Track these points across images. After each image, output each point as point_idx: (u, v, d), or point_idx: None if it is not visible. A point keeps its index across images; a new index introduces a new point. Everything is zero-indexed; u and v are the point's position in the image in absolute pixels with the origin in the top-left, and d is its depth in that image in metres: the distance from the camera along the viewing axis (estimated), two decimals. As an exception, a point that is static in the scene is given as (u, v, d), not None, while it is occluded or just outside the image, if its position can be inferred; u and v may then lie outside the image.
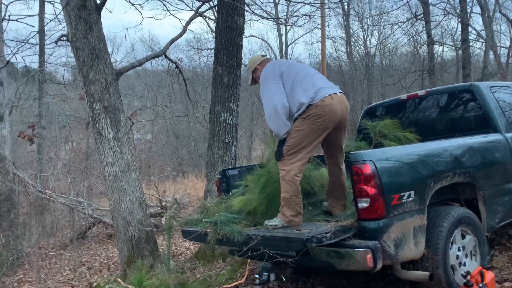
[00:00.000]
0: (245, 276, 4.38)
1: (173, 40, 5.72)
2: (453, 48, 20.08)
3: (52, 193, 9.32)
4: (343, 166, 3.74)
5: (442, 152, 3.54)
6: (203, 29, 47.77)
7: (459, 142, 3.79)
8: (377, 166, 3.04)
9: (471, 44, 16.35)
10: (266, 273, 3.66)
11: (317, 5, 8.71)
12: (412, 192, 3.18)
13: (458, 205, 3.69)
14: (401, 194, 3.12)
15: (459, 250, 3.46)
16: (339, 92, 3.54)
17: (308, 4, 7.86)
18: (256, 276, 3.70)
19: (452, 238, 3.39)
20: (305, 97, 3.38)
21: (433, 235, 3.29)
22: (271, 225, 3.41)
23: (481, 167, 3.80)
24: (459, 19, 15.27)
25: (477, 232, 3.62)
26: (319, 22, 14.22)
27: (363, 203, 3.02)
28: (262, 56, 3.93)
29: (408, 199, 3.15)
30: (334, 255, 3.04)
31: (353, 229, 3.07)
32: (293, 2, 7.06)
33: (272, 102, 3.43)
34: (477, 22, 20.04)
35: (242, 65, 6.10)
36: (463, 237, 3.54)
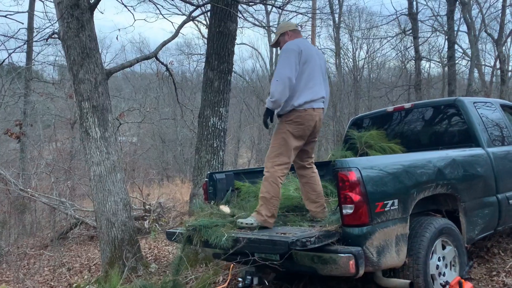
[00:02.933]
0: (227, 280, 4.38)
1: (165, 43, 5.74)
2: (440, 64, 20.47)
3: (34, 192, 9.19)
4: (311, 166, 3.88)
5: (426, 164, 3.62)
6: (194, 34, 47.88)
7: (443, 155, 3.88)
8: (362, 174, 3.10)
9: (457, 62, 16.68)
10: (249, 277, 3.67)
11: (309, 15, 8.81)
12: (396, 201, 3.25)
13: (439, 216, 3.77)
14: (385, 202, 3.18)
15: (439, 260, 3.54)
16: (321, 108, 3.75)
17: (301, 14, 7.95)
18: (239, 279, 3.71)
19: (433, 248, 3.47)
20: (297, 100, 3.57)
21: (415, 244, 3.36)
22: (246, 224, 3.48)
23: (463, 179, 3.89)
24: (446, 37, 15.58)
25: (457, 243, 3.69)
26: (310, 33, 14.37)
27: (348, 210, 3.07)
28: (296, 26, 4.01)
29: (392, 208, 3.22)
30: (317, 260, 3.08)
31: (337, 234, 3.12)
32: (286, 11, 7.14)
33: (287, 73, 3.53)
34: (463, 40, 20.54)
35: (233, 71, 6.14)
36: (443, 247, 3.62)
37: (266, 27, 18.05)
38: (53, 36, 5.40)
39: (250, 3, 6.09)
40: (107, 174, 5.16)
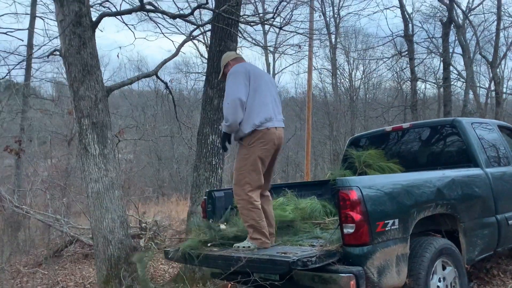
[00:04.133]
0: (225, 300, 4.33)
1: (165, 61, 5.79)
2: (435, 85, 20.71)
3: (29, 209, 9.10)
4: (268, 194, 3.89)
5: (426, 183, 3.63)
6: (192, 53, 48.24)
7: (442, 175, 3.90)
8: (363, 193, 3.10)
9: (452, 83, 16.91)
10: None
11: (307, 35, 8.93)
12: (396, 221, 3.24)
13: (439, 236, 3.76)
14: (386, 221, 3.17)
15: (439, 281, 3.52)
16: (282, 127, 3.76)
17: (301, 34, 8.06)
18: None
19: (433, 269, 3.45)
20: (257, 119, 3.55)
21: (415, 264, 3.35)
22: (243, 247, 3.50)
23: (462, 199, 3.90)
24: (442, 59, 15.82)
25: (458, 264, 3.68)
26: (307, 53, 14.54)
27: (349, 229, 3.06)
28: (237, 54, 4.09)
29: (392, 227, 3.21)
30: (318, 280, 3.05)
31: (337, 254, 3.10)
32: (285, 31, 7.24)
33: (237, 95, 3.54)
34: (458, 62, 20.74)
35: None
36: (444, 268, 3.60)
37: (264, 47, 18.24)
38: (54, 53, 5.43)
39: (251, 23, 6.17)
40: (105, 191, 5.13)
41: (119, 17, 5.87)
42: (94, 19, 5.27)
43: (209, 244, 3.78)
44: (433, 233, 3.75)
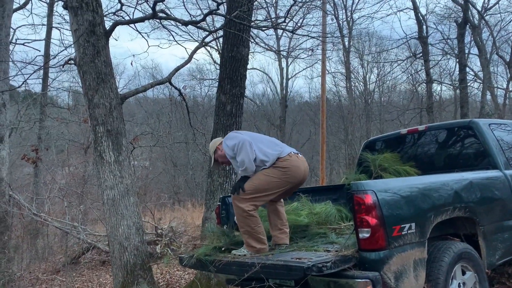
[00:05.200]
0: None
1: (178, 68, 5.82)
2: (451, 87, 20.43)
3: (47, 217, 9.21)
4: (281, 202, 3.99)
5: (443, 186, 3.56)
6: (205, 59, 48.55)
7: (459, 177, 3.82)
8: (378, 197, 3.05)
9: (468, 84, 16.65)
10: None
11: (320, 39, 8.90)
12: (413, 224, 3.18)
13: (458, 240, 3.68)
14: (402, 225, 3.12)
15: (459, 286, 3.44)
16: (300, 154, 3.86)
17: (313, 37, 8.04)
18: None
19: (452, 274, 3.37)
20: (274, 151, 3.70)
21: (434, 269, 3.28)
22: (239, 255, 3.55)
23: (481, 202, 3.81)
24: (457, 60, 15.62)
25: (478, 269, 3.59)
26: (320, 57, 14.50)
27: (364, 234, 3.01)
28: (222, 138, 4.17)
29: (409, 231, 3.15)
30: (334, 286, 3.01)
31: (353, 259, 3.05)
32: (297, 35, 7.22)
33: (246, 161, 3.65)
34: (474, 63, 20.41)
35: (245, 94, 6.19)
36: (463, 273, 3.52)
37: (277, 51, 18.24)
38: (69, 62, 5.51)
39: (263, 28, 6.17)
40: (120, 198, 5.16)
41: (132, 25, 5.93)
42: (107, 28, 5.33)
43: (223, 249, 3.78)
44: (451, 237, 3.68)
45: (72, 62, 5.43)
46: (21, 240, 9.14)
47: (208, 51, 20.95)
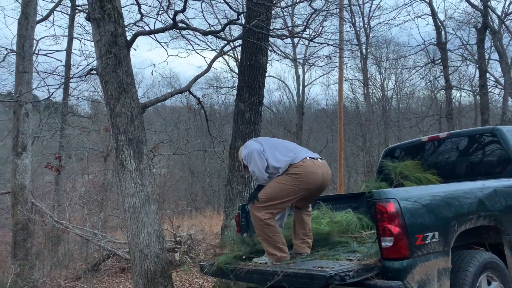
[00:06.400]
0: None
1: (198, 77, 5.89)
2: (471, 93, 20.13)
3: (68, 224, 9.36)
4: (308, 211, 3.93)
5: (466, 194, 3.50)
6: (222, 68, 48.87)
7: (483, 185, 3.75)
8: (401, 205, 3.02)
9: (489, 90, 16.38)
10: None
11: (338, 46, 8.89)
12: (436, 233, 3.14)
13: (483, 249, 3.61)
14: (425, 234, 3.08)
15: (485, 296, 3.37)
16: (320, 159, 3.79)
17: (331, 45, 8.05)
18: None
19: (477, 284, 3.31)
20: (287, 157, 3.65)
21: (458, 279, 3.22)
22: (260, 263, 3.53)
23: (506, 211, 3.73)
24: (477, 65, 15.40)
25: (504, 279, 3.52)
26: (337, 64, 14.46)
27: (387, 242, 2.99)
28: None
29: (432, 240, 3.11)
30: (356, 295, 2.98)
31: (376, 268, 3.02)
32: (315, 43, 7.24)
33: (256, 171, 3.68)
34: (495, 68, 20.06)
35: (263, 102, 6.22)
36: (489, 283, 3.45)
37: (294, 59, 18.28)
38: (91, 72, 5.62)
39: (282, 37, 6.21)
40: (141, 205, 5.21)
41: (152, 35, 6.03)
42: (128, 38, 5.43)
43: (243, 257, 3.79)
44: (476, 246, 3.61)
45: (94, 72, 5.54)
46: (43, 247, 9.30)
47: (225, 60, 21.13)
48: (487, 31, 14.87)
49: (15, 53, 8.86)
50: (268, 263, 3.53)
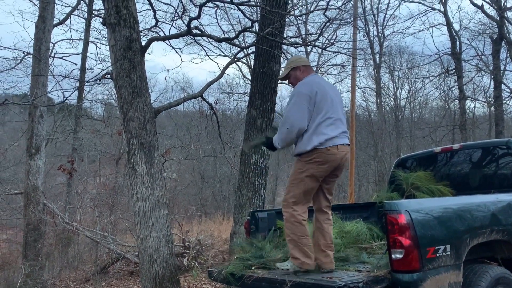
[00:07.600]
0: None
1: (211, 83, 5.92)
2: (486, 104, 19.89)
3: (78, 226, 9.43)
4: (328, 211, 3.68)
5: (479, 207, 3.46)
6: (235, 74, 49.05)
7: (497, 198, 3.70)
8: (412, 217, 2.99)
9: (504, 102, 16.17)
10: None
11: (351, 55, 8.87)
12: (448, 246, 3.10)
13: (495, 264, 3.56)
14: (437, 247, 3.04)
15: (496, 312, 3.31)
16: (346, 144, 3.55)
17: (344, 53, 8.04)
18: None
19: (489, 299, 3.25)
20: (317, 139, 3.40)
21: (470, 293, 3.17)
22: (282, 269, 3.44)
23: (520, 225, 3.67)
24: (492, 76, 15.24)
25: (516, 294, 3.45)
26: (350, 73, 14.42)
27: (397, 254, 2.96)
28: (309, 62, 3.88)
29: (444, 253, 3.07)
30: (365, 307, 2.94)
31: (385, 280, 2.99)
32: (328, 51, 7.24)
33: (299, 124, 3.42)
34: (510, 80, 19.85)
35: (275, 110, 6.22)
36: (501, 299, 3.39)
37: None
38: (106, 76, 5.69)
39: (295, 45, 6.22)
40: (151, 210, 5.24)
41: (166, 41, 6.09)
42: (143, 43, 5.49)
43: (253, 268, 3.76)
44: (488, 261, 3.55)
45: (109, 76, 5.61)
46: (53, 248, 9.38)
47: (238, 66, 21.18)
48: (503, 41, 14.73)
49: (31, 56, 9.01)
50: (290, 269, 3.41)
